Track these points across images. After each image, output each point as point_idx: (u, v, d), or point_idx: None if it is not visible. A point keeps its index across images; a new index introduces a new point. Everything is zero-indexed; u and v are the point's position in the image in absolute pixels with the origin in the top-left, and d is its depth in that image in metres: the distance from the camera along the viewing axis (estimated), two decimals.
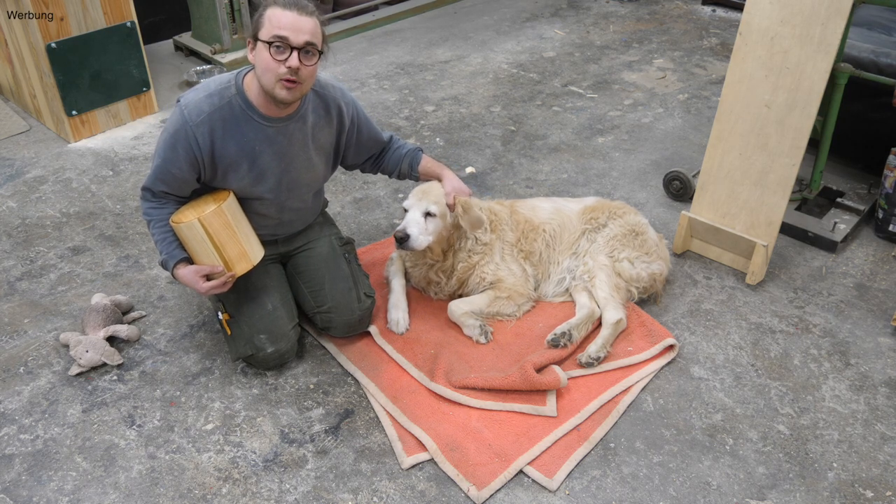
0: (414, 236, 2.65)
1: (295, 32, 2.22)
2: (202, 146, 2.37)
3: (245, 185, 2.49)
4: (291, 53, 2.23)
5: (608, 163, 3.98)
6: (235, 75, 2.43)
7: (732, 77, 2.94)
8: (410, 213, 2.70)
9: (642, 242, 2.92)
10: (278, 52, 2.23)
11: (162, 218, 2.49)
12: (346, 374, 2.66)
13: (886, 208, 3.30)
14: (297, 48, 2.23)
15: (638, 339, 2.75)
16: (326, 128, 2.58)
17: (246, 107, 2.39)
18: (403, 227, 2.67)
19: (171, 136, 2.39)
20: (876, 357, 2.76)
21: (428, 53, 5.26)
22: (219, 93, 2.39)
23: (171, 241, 2.48)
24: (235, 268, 2.45)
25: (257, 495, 2.24)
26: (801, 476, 2.32)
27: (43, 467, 2.32)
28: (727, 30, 5.67)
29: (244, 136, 2.41)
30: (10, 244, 3.29)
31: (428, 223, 2.69)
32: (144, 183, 2.49)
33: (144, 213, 2.53)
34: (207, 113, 2.36)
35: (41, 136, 4.13)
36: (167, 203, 2.50)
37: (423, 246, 2.70)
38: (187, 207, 2.50)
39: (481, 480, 2.25)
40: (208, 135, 2.37)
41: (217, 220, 2.39)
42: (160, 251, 2.50)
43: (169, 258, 2.47)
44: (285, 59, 2.24)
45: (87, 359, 2.60)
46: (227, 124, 2.38)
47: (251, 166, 2.46)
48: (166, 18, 5.30)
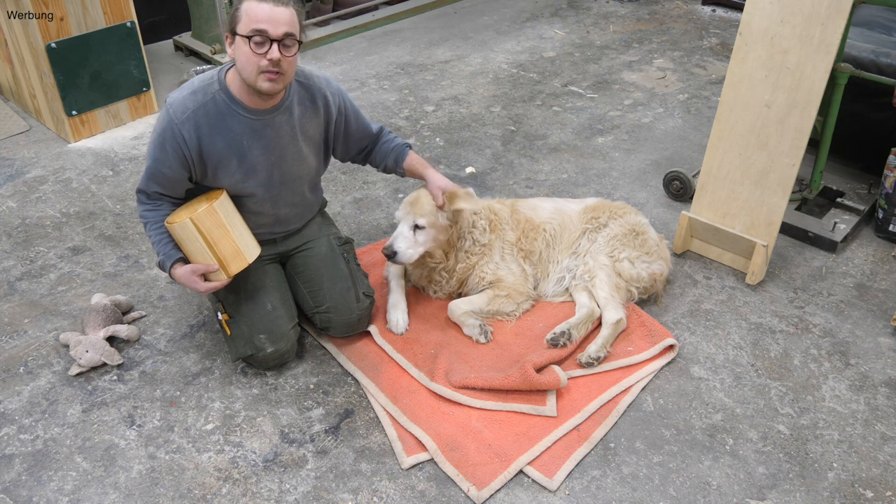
0: (401, 251, 2.67)
1: (273, 24, 2.22)
2: (189, 143, 2.37)
3: (237, 182, 2.49)
4: (271, 46, 2.24)
5: (608, 163, 3.98)
6: (218, 71, 2.44)
7: (732, 77, 2.94)
8: (399, 227, 2.72)
9: (643, 242, 2.92)
10: (258, 45, 2.24)
11: (158, 220, 2.50)
12: (346, 374, 2.66)
13: (886, 208, 3.30)
14: (276, 40, 2.24)
15: (638, 339, 2.75)
16: (314, 119, 2.57)
17: (230, 101, 2.40)
18: (391, 243, 2.69)
19: (158, 135, 2.40)
20: (876, 357, 2.76)
21: (428, 53, 5.26)
22: (202, 89, 2.40)
23: (168, 242, 2.49)
24: (230, 266, 2.45)
25: (257, 495, 2.24)
26: (801, 476, 2.32)
27: (43, 467, 2.32)
28: (727, 30, 5.67)
29: (231, 131, 2.42)
30: (10, 244, 3.29)
31: (417, 235, 2.70)
32: (139, 185, 2.51)
33: (141, 215, 2.54)
34: (192, 110, 2.37)
35: (41, 136, 4.13)
36: (162, 204, 2.51)
37: (412, 259, 2.72)
38: (182, 209, 2.51)
39: (481, 480, 2.25)
40: (194, 131, 2.37)
41: (209, 218, 2.39)
42: (157, 252, 2.51)
43: (166, 259, 2.48)
44: (265, 52, 2.24)
45: (87, 359, 2.60)
46: (213, 120, 2.39)
47: (241, 161, 2.46)
48: (166, 18, 5.30)
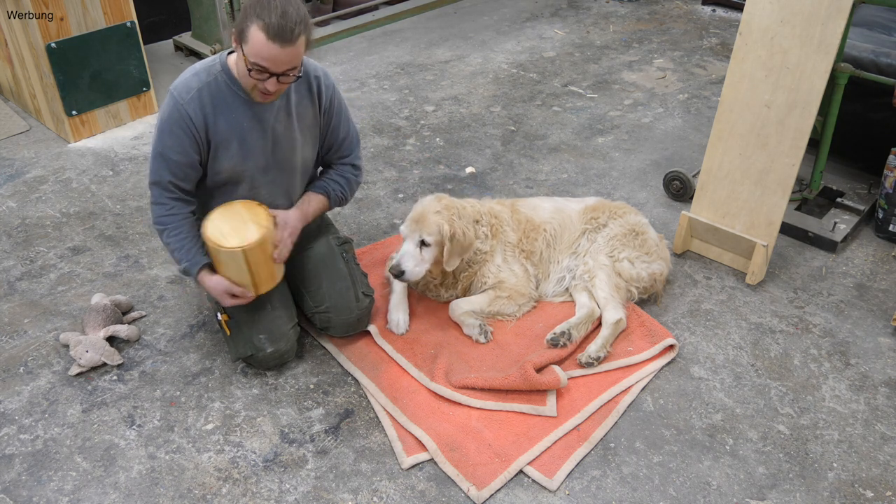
0: (409, 270, 2.67)
1: (275, 64, 2.23)
2: (196, 122, 2.38)
3: (235, 164, 2.48)
4: (270, 77, 2.26)
5: (608, 163, 3.98)
6: (220, 55, 2.45)
7: (732, 77, 2.94)
8: (405, 245, 2.71)
9: (643, 242, 2.92)
10: (258, 73, 2.25)
11: (176, 225, 2.47)
12: (346, 374, 2.66)
13: (886, 208, 3.30)
14: (276, 74, 2.26)
15: (638, 339, 2.75)
16: (310, 107, 2.58)
17: (231, 83, 2.41)
18: (398, 262, 2.69)
19: (165, 121, 2.40)
20: (876, 357, 2.76)
21: (428, 53, 5.26)
22: (205, 70, 2.41)
23: (191, 248, 2.47)
24: (261, 287, 2.47)
25: (257, 495, 2.24)
26: (801, 476, 2.32)
27: (43, 467, 2.32)
28: (727, 30, 5.67)
29: (232, 113, 2.43)
30: (10, 244, 3.29)
31: (424, 252, 2.70)
32: (150, 178, 2.47)
33: (156, 221, 2.50)
34: (196, 89, 2.38)
35: (41, 136, 4.13)
36: (177, 204, 2.49)
37: (419, 276, 2.72)
38: (220, 219, 2.42)
39: (481, 480, 2.25)
40: (200, 110, 2.38)
41: (259, 249, 2.38)
42: (179, 259, 2.48)
43: (192, 265, 2.46)
44: (264, 80, 2.27)
45: (87, 359, 2.60)
46: (216, 100, 2.40)
47: (240, 144, 2.46)
48: (166, 18, 5.30)
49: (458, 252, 2.73)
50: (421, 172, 3.86)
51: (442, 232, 2.68)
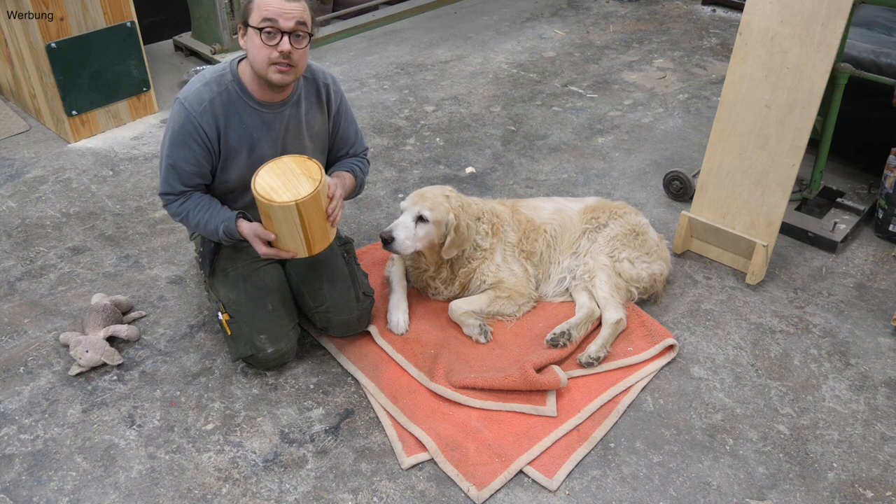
0: (399, 240, 2.65)
1: (284, 16, 2.24)
2: (209, 134, 2.38)
3: (243, 174, 2.49)
4: (282, 38, 2.25)
5: (608, 163, 3.98)
6: (230, 62, 2.45)
7: (732, 77, 2.94)
8: (402, 216, 2.71)
9: (643, 242, 2.92)
10: (269, 37, 2.26)
11: (194, 203, 2.45)
12: (346, 374, 2.66)
13: (886, 208, 3.30)
14: (287, 32, 2.25)
15: (638, 339, 2.75)
16: (319, 114, 2.59)
17: (242, 93, 2.41)
18: (390, 228, 2.66)
19: (176, 132, 2.39)
20: (876, 357, 2.76)
21: (428, 53, 5.26)
22: (216, 80, 2.41)
23: (218, 211, 2.44)
24: (315, 247, 2.35)
25: (257, 495, 2.24)
26: (801, 476, 2.32)
27: (43, 467, 2.32)
28: (727, 30, 5.67)
29: (243, 123, 2.43)
30: (10, 244, 3.29)
31: (418, 228, 2.68)
32: (161, 189, 2.48)
33: (175, 213, 2.49)
34: (208, 100, 2.38)
35: (41, 136, 4.13)
36: (192, 193, 2.48)
37: (408, 251, 2.69)
38: (269, 174, 2.28)
39: (481, 480, 2.25)
40: (213, 121, 2.39)
41: (314, 204, 2.24)
42: (215, 228, 2.42)
43: (228, 222, 2.40)
44: (276, 44, 2.26)
45: (87, 359, 2.59)
46: (228, 110, 2.40)
47: (250, 153, 2.47)
48: (166, 18, 5.30)
49: (458, 243, 2.74)
50: (421, 172, 3.86)
51: (447, 218, 2.68)
